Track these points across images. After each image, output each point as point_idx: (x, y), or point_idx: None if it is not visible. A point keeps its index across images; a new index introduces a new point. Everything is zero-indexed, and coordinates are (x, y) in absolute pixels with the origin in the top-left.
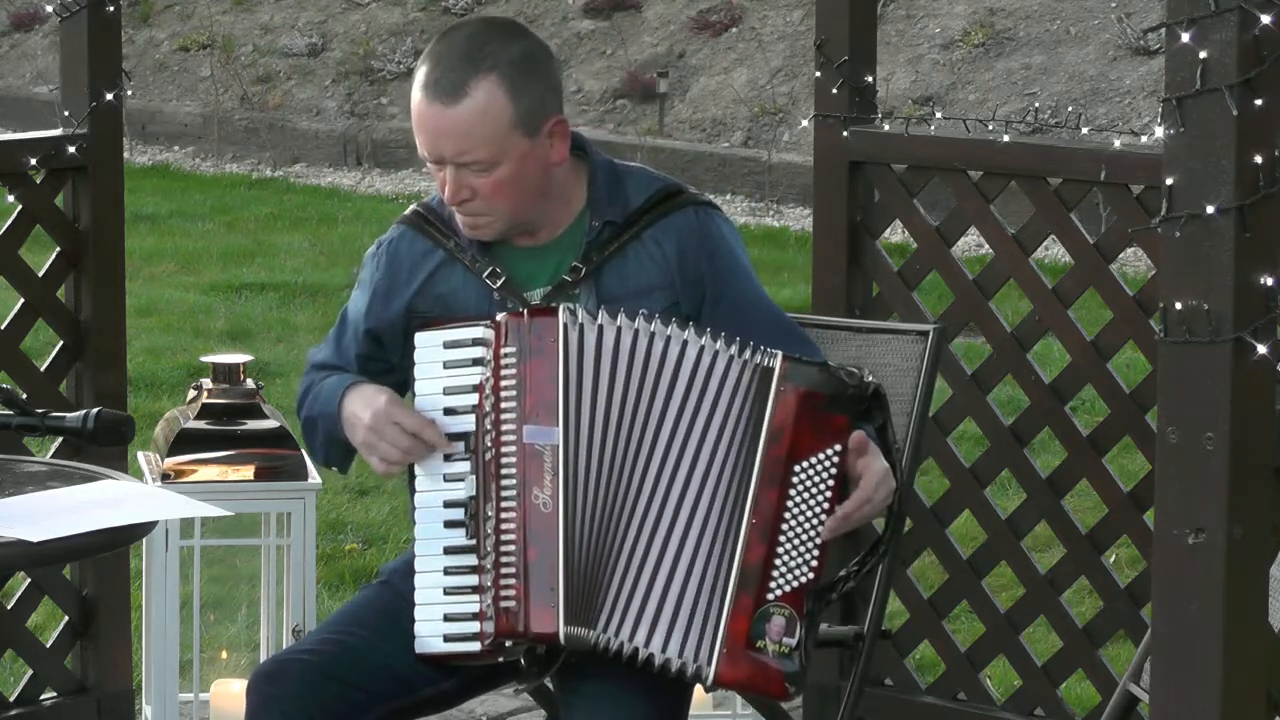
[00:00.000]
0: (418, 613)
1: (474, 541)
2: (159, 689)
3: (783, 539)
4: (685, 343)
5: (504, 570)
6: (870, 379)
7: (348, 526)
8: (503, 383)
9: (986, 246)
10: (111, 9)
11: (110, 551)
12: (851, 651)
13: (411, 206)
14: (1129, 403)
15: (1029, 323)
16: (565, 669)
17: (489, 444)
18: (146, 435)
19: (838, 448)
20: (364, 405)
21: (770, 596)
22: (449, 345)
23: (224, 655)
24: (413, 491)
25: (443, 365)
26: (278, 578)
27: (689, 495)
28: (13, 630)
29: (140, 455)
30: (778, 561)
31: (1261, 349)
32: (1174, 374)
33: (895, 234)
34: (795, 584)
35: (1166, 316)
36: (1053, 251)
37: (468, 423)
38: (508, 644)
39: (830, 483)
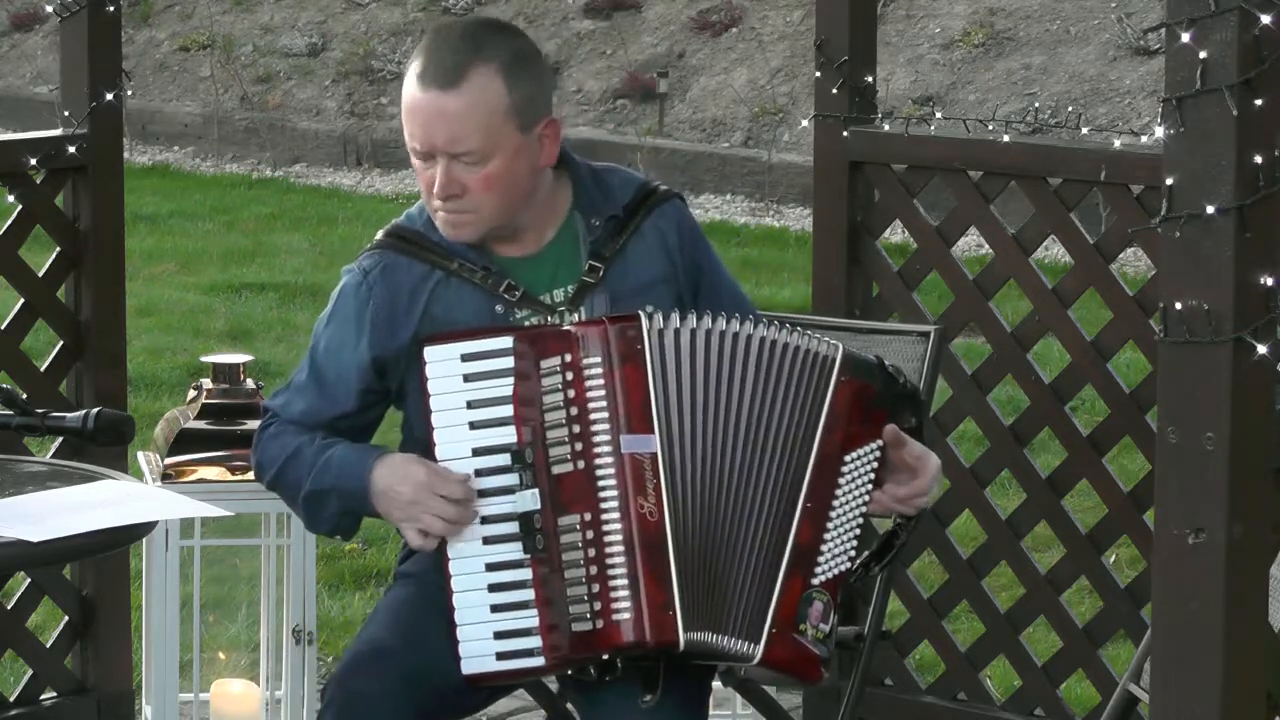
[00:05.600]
0: (462, 633)
1: (526, 556)
2: (159, 689)
3: (830, 525)
4: (749, 337)
5: (613, 583)
6: (912, 382)
7: None
8: (589, 394)
9: (986, 246)
10: (111, 9)
11: (110, 551)
12: (851, 652)
13: (381, 234)
14: (1129, 403)
15: (1029, 323)
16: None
17: (567, 456)
18: (146, 435)
19: (880, 442)
20: (401, 478)
21: (815, 581)
22: (468, 358)
23: (224, 655)
24: None
25: (463, 379)
26: (278, 578)
27: (758, 482)
28: (13, 630)
29: (140, 455)
30: (824, 547)
31: (1261, 349)
32: (1174, 374)
33: (895, 234)
34: (835, 571)
35: (1166, 316)
36: (1053, 251)
37: (507, 435)
38: (605, 655)
39: (871, 475)
